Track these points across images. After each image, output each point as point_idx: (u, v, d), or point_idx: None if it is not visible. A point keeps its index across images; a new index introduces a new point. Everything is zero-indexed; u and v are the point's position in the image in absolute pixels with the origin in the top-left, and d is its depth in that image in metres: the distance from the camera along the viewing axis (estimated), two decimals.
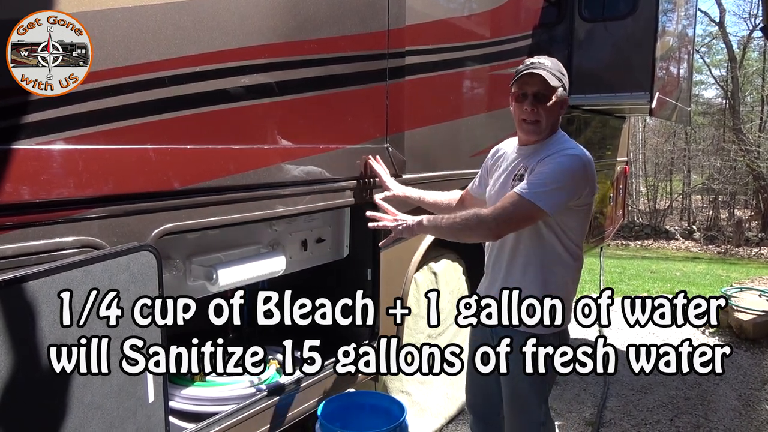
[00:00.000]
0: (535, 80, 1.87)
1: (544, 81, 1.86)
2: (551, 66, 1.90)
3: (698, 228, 17.10)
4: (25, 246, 1.35)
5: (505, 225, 1.86)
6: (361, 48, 2.34)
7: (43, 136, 1.38)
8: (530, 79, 1.88)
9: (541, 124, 1.93)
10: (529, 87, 1.89)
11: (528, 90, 1.90)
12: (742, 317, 5.14)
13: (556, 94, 1.91)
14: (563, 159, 1.87)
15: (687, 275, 9.33)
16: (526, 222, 1.89)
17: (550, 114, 1.93)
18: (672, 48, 4.77)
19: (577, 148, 1.93)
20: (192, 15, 1.69)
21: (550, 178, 1.83)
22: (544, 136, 1.97)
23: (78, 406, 1.36)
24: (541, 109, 1.90)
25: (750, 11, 18.39)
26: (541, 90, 1.88)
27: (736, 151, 16.39)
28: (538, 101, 1.90)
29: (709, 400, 3.88)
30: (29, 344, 1.27)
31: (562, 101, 1.96)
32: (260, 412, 2.07)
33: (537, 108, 1.90)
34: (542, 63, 1.90)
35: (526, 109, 1.91)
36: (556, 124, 2.00)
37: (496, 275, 2.08)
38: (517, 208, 1.83)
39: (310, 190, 2.17)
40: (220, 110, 1.80)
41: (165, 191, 1.66)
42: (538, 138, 1.96)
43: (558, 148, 1.93)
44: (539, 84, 1.87)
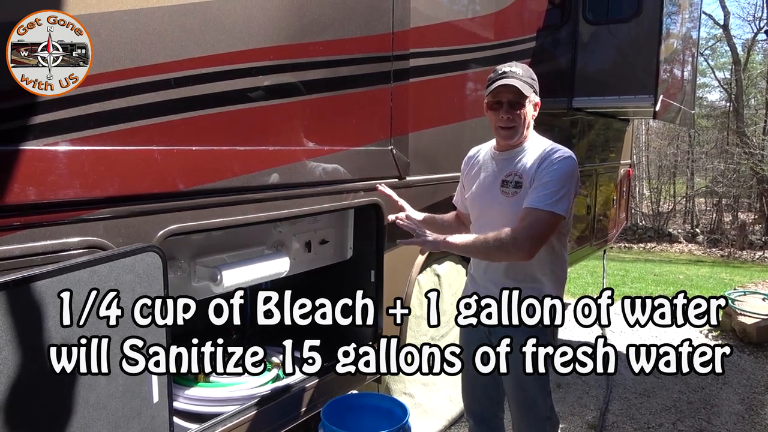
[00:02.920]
0: (510, 90, 1.95)
1: (517, 91, 1.93)
2: (523, 74, 1.97)
3: (701, 231, 17.04)
4: (32, 246, 1.36)
5: (538, 242, 1.91)
6: (366, 50, 2.35)
7: (50, 138, 1.39)
8: (504, 89, 1.95)
9: (517, 129, 2.00)
10: (504, 96, 1.97)
11: (503, 98, 1.97)
12: (746, 321, 5.12)
13: (528, 100, 1.99)
14: (562, 164, 1.94)
15: (690, 278, 9.31)
16: (552, 233, 1.94)
17: (525, 118, 2.01)
18: (676, 51, 4.77)
19: (563, 149, 2.01)
20: (198, 17, 1.69)
21: (557, 185, 1.90)
22: (521, 139, 2.04)
23: (83, 406, 1.37)
24: (516, 116, 1.98)
25: (754, 14, 18.38)
26: (515, 98, 1.96)
27: (740, 154, 16.33)
28: (512, 108, 1.97)
29: (712, 404, 3.87)
30: (36, 344, 1.28)
31: (535, 104, 2.04)
32: (264, 412, 2.08)
33: (512, 115, 1.98)
34: (514, 72, 1.96)
35: (502, 117, 1.98)
36: (530, 126, 2.08)
37: (493, 275, 2.09)
38: (544, 223, 1.89)
39: (314, 192, 2.17)
40: (225, 112, 1.81)
41: (170, 192, 1.67)
42: (516, 141, 2.04)
43: (545, 151, 1.99)
44: (513, 94, 1.95)
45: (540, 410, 2.09)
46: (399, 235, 2.23)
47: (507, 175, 2.02)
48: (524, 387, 2.07)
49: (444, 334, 3.18)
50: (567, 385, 4.07)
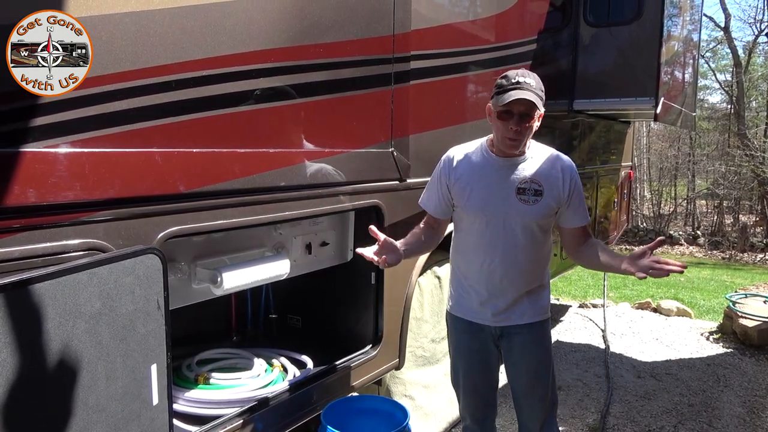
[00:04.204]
0: (523, 103, 1.91)
1: (531, 104, 1.91)
2: (535, 85, 1.94)
3: (703, 233, 17.00)
4: (31, 249, 1.36)
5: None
6: (367, 52, 2.35)
7: (51, 140, 1.39)
8: (517, 102, 1.91)
9: (523, 140, 2.01)
10: (516, 108, 1.93)
11: (514, 110, 1.94)
12: (747, 323, 5.11)
13: (538, 111, 1.98)
14: (576, 177, 2.11)
15: (691, 281, 9.29)
16: None
17: (532, 130, 2.02)
18: (677, 53, 4.77)
19: (565, 156, 2.14)
20: (199, 19, 1.69)
21: (583, 198, 2.14)
22: (525, 146, 2.06)
23: (82, 409, 1.36)
24: (525, 128, 1.98)
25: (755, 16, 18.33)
26: (527, 110, 1.94)
27: (741, 157, 16.30)
28: (522, 121, 1.95)
29: (713, 407, 3.86)
30: (35, 346, 1.27)
31: (540, 115, 2.03)
32: (264, 415, 2.07)
33: (521, 127, 1.96)
34: (528, 83, 1.92)
35: (511, 128, 1.95)
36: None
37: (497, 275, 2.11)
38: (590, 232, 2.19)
39: (314, 194, 2.17)
40: (226, 114, 1.81)
41: (170, 194, 1.66)
42: (520, 151, 2.05)
43: (553, 159, 2.10)
44: (526, 107, 1.93)
45: (551, 395, 2.21)
46: (400, 237, 2.23)
47: (522, 183, 2.04)
48: (538, 377, 2.17)
49: (444, 336, 3.17)
50: (568, 388, 4.06)
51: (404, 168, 2.61)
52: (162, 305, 1.55)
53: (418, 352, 3.00)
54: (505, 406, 2.90)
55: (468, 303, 2.18)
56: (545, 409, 2.19)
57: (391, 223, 2.56)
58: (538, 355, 2.16)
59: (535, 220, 2.05)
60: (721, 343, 5.21)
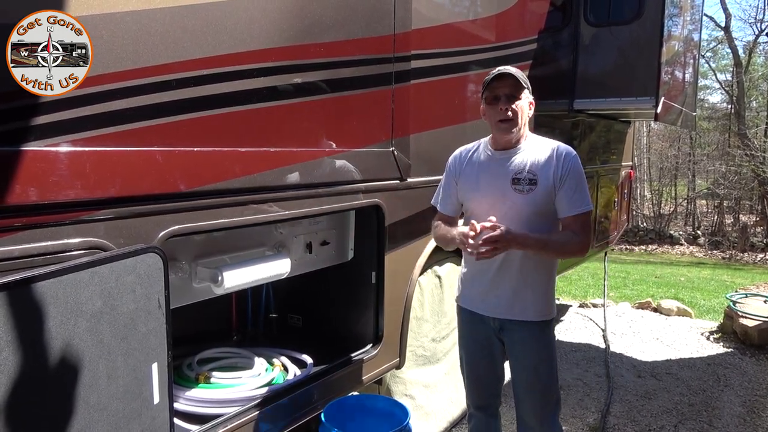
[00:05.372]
0: (506, 82, 2.02)
1: (515, 82, 2.01)
2: (515, 72, 2.04)
3: (703, 233, 17.01)
4: (33, 247, 1.36)
5: (591, 238, 2.16)
6: (367, 52, 2.35)
7: (52, 138, 1.39)
8: (500, 82, 2.02)
9: (515, 122, 2.04)
10: (501, 89, 2.03)
11: (500, 92, 2.03)
12: (747, 323, 5.11)
13: (524, 94, 2.05)
14: (574, 163, 2.05)
15: (691, 280, 9.30)
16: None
17: (522, 112, 2.06)
18: (677, 53, 4.77)
19: (564, 145, 2.11)
20: (200, 18, 1.69)
21: (584, 183, 2.07)
22: (520, 134, 2.09)
23: (83, 407, 1.36)
24: (515, 107, 2.03)
25: (756, 16, 18.34)
26: (512, 91, 2.03)
27: (741, 156, 16.31)
28: (509, 101, 2.03)
29: (713, 406, 3.86)
30: (36, 345, 1.27)
31: (530, 102, 2.10)
32: (264, 414, 2.07)
33: (509, 106, 2.03)
34: (508, 68, 2.04)
35: (501, 109, 2.04)
36: (526, 123, 2.13)
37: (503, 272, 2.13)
38: (588, 221, 2.09)
39: (315, 193, 2.17)
40: (226, 113, 1.81)
41: (171, 193, 1.66)
42: (515, 136, 2.08)
43: (550, 148, 2.08)
44: (510, 86, 2.02)
45: (554, 392, 2.21)
46: (401, 236, 2.24)
47: (517, 173, 2.07)
48: (540, 373, 2.17)
49: (445, 336, 3.17)
50: (568, 387, 4.07)
51: (405, 167, 2.61)
52: (163, 304, 1.56)
53: (419, 351, 3.00)
54: (506, 405, 2.90)
55: (470, 293, 2.24)
56: (545, 406, 2.19)
57: (391, 222, 2.56)
58: (540, 353, 2.16)
59: (531, 209, 2.04)
60: (722, 343, 5.21)
